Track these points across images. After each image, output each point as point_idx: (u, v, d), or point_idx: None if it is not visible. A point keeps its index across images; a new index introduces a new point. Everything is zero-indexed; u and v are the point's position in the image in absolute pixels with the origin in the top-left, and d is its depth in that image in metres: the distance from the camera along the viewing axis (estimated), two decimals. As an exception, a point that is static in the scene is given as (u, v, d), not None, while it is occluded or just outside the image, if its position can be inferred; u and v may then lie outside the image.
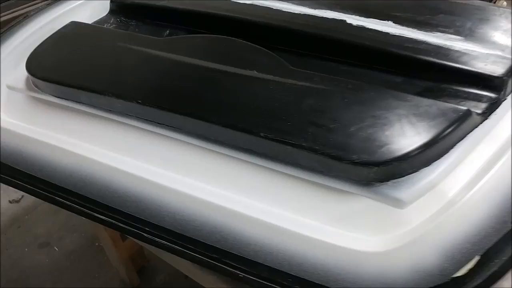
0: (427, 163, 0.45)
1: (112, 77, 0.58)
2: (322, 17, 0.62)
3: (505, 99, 0.51)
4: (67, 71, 0.62)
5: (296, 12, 0.64)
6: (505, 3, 1.15)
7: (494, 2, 1.12)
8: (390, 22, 0.61)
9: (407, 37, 0.58)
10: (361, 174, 0.45)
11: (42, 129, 0.61)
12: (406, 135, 0.45)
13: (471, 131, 0.48)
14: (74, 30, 0.69)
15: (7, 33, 0.74)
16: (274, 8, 0.65)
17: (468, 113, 0.47)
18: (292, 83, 0.52)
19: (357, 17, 0.62)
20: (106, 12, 0.79)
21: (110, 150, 0.55)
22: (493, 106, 0.50)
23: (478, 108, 0.50)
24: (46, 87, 0.63)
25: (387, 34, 0.59)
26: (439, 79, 0.55)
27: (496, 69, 0.52)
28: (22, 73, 0.69)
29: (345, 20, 0.62)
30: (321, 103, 0.49)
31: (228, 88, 0.53)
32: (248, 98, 0.51)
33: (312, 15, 0.63)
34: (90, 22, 0.76)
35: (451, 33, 0.58)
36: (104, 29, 0.71)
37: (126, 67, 0.59)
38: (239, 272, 0.46)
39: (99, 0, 0.80)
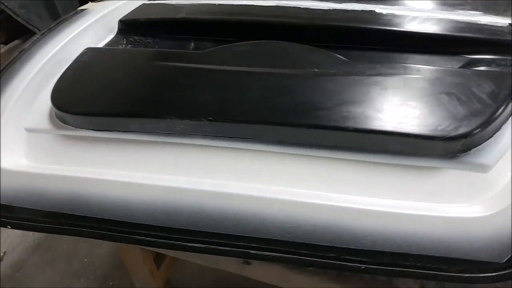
0: (500, 127, 0.50)
1: (167, 98, 0.55)
2: (353, 10, 0.65)
3: None
4: (107, 100, 0.57)
5: (325, 8, 0.66)
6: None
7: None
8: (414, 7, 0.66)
9: (436, 18, 0.63)
10: (449, 148, 0.48)
11: (94, 167, 0.56)
12: (481, 105, 0.49)
13: (524, 93, 0.53)
14: (94, 56, 0.63)
15: (9, 72, 0.66)
16: (302, 7, 0.66)
17: (521, 77, 0.52)
18: (358, 74, 0.54)
19: (383, 6, 0.66)
20: (113, 34, 0.74)
21: (190, 175, 0.52)
22: (530, 68, 0.57)
23: (519, 72, 0.56)
24: (83, 121, 0.58)
25: (417, 17, 0.63)
26: (474, 52, 0.60)
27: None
28: (41, 112, 0.62)
29: (374, 10, 0.65)
30: (394, 89, 0.52)
31: (299, 90, 0.53)
32: (323, 95, 0.52)
33: (342, 9, 0.65)
34: (100, 46, 0.71)
35: (470, 10, 0.64)
36: (130, 51, 0.67)
37: (178, 86, 0.56)
38: (360, 265, 0.47)
39: (99, 22, 0.75)
